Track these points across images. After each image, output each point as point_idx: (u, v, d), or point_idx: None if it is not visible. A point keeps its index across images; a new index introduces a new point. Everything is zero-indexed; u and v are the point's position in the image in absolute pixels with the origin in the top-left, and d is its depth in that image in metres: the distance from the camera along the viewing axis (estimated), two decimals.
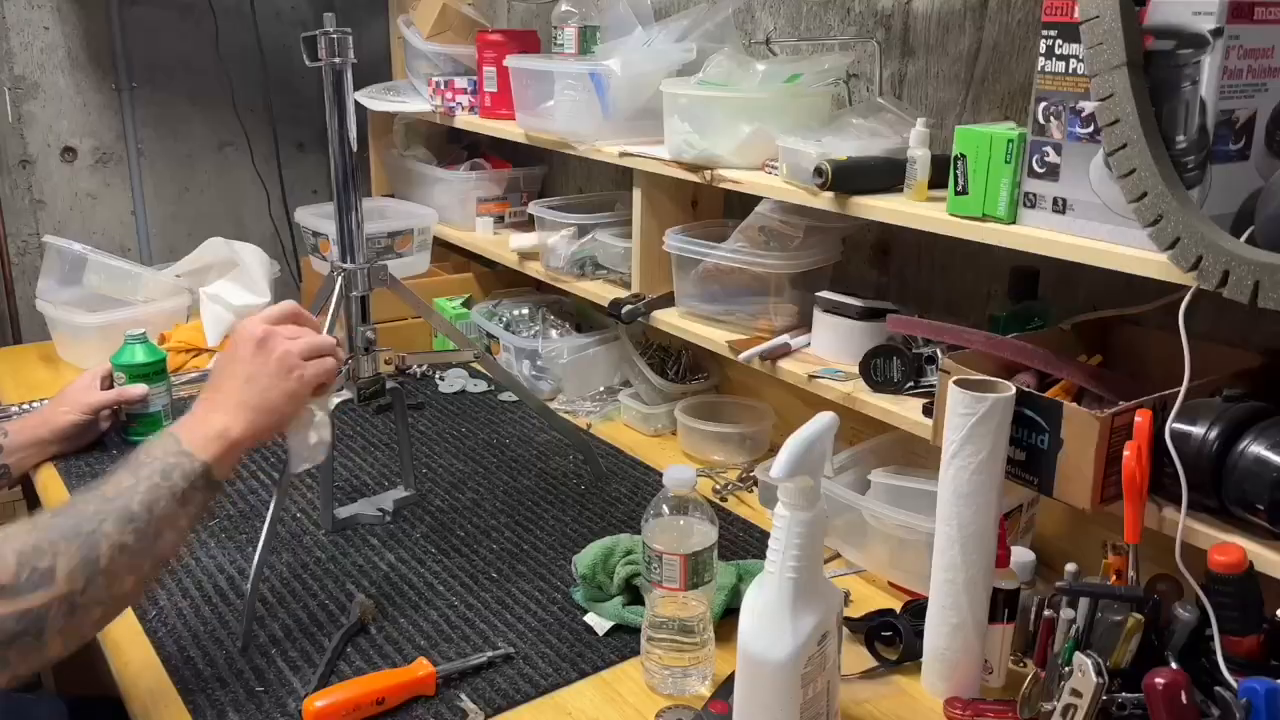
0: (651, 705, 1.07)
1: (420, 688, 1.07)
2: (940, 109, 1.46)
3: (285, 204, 2.67)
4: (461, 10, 2.17)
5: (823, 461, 0.94)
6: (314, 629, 1.19)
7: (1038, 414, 1.04)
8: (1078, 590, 0.99)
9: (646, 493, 1.53)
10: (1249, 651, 0.92)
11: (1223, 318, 1.18)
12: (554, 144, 1.82)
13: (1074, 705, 0.91)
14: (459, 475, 1.60)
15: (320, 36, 1.26)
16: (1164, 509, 1.01)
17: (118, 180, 2.48)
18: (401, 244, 2.18)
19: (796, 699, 0.93)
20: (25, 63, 2.31)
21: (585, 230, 1.86)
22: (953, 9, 1.42)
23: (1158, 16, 0.96)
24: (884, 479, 1.34)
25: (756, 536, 1.40)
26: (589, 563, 1.23)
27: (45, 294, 1.99)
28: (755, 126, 1.45)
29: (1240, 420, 0.97)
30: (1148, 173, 0.95)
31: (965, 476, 1.02)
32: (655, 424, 1.76)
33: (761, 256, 1.48)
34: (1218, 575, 0.91)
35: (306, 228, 2.22)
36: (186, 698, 1.07)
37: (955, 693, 1.07)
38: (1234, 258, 0.90)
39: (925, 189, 1.24)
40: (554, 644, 1.17)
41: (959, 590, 1.05)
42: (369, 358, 1.37)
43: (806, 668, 0.93)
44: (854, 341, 1.40)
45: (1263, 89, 0.97)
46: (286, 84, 2.64)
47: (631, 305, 1.69)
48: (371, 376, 1.37)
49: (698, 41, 1.67)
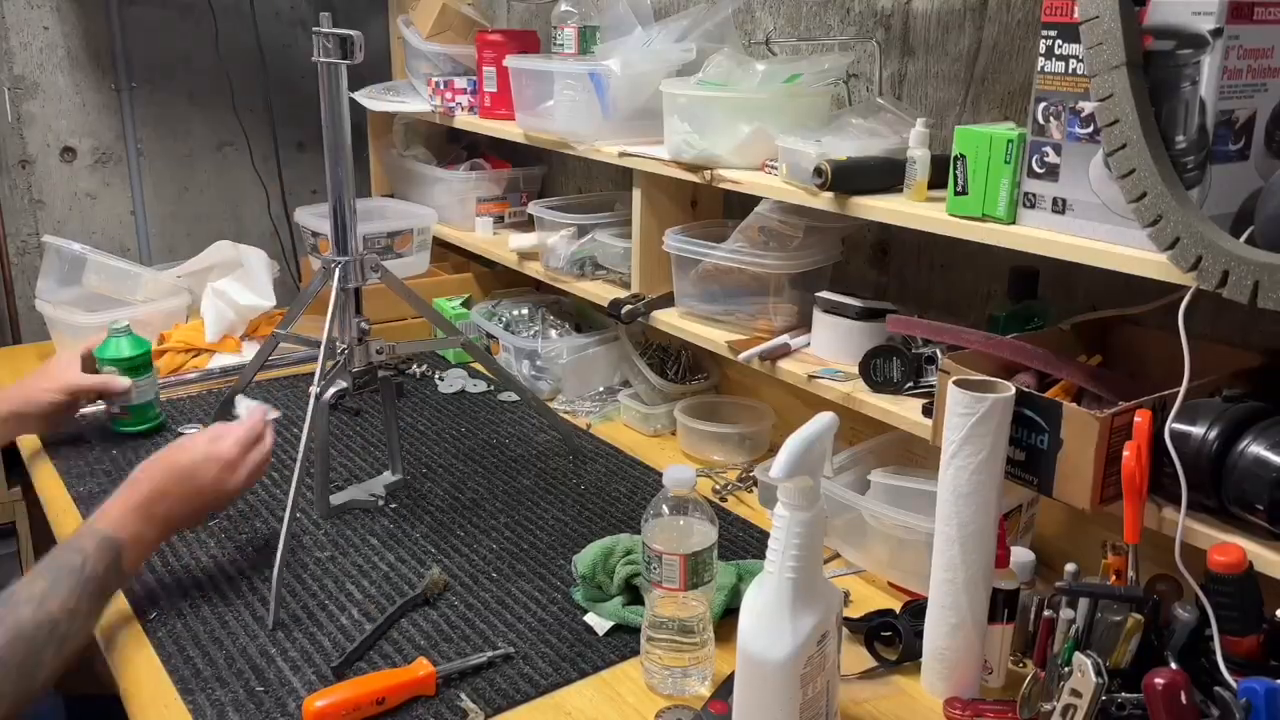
0: (651, 705, 1.07)
1: (420, 688, 1.07)
2: (940, 109, 1.46)
3: (285, 204, 2.67)
4: (461, 10, 2.17)
5: (822, 461, 0.94)
6: (314, 629, 1.19)
7: (1037, 414, 1.04)
8: (1077, 590, 0.99)
9: (646, 493, 1.53)
10: (1248, 651, 0.92)
11: (1222, 318, 1.18)
12: (553, 144, 1.82)
13: (1074, 705, 0.91)
14: (459, 475, 1.60)
15: (326, 35, 1.32)
16: (1163, 509, 1.01)
17: (117, 180, 2.48)
18: (401, 244, 2.19)
19: (795, 699, 0.93)
20: (25, 62, 2.31)
21: (585, 230, 1.86)
22: (952, 9, 1.42)
23: (1157, 16, 0.96)
24: (883, 479, 1.34)
25: (756, 536, 1.40)
26: (589, 563, 1.23)
27: (44, 294, 1.98)
28: (755, 126, 1.45)
29: (1240, 420, 0.97)
30: (1147, 173, 0.95)
31: (965, 476, 1.02)
32: (655, 424, 1.76)
33: (761, 256, 1.49)
34: (1217, 575, 0.91)
35: (306, 227, 2.22)
36: (186, 698, 1.07)
37: (955, 693, 1.07)
38: (1233, 258, 0.90)
39: (925, 189, 1.24)
40: (554, 644, 1.17)
41: (959, 590, 1.05)
42: (361, 348, 1.42)
43: (806, 668, 0.93)
44: (853, 342, 1.40)
45: (1262, 89, 0.97)
46: (286, 84, 2.64)
47: (631, 305, 1.69)
48: (365, 367, 1.43)
49: (697, 41, 1.67)
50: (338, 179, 1.39)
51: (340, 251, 1.42)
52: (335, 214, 1.41)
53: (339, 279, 1.40)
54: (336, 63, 1.34)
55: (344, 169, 1.39)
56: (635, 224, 1.70)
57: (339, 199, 1.40)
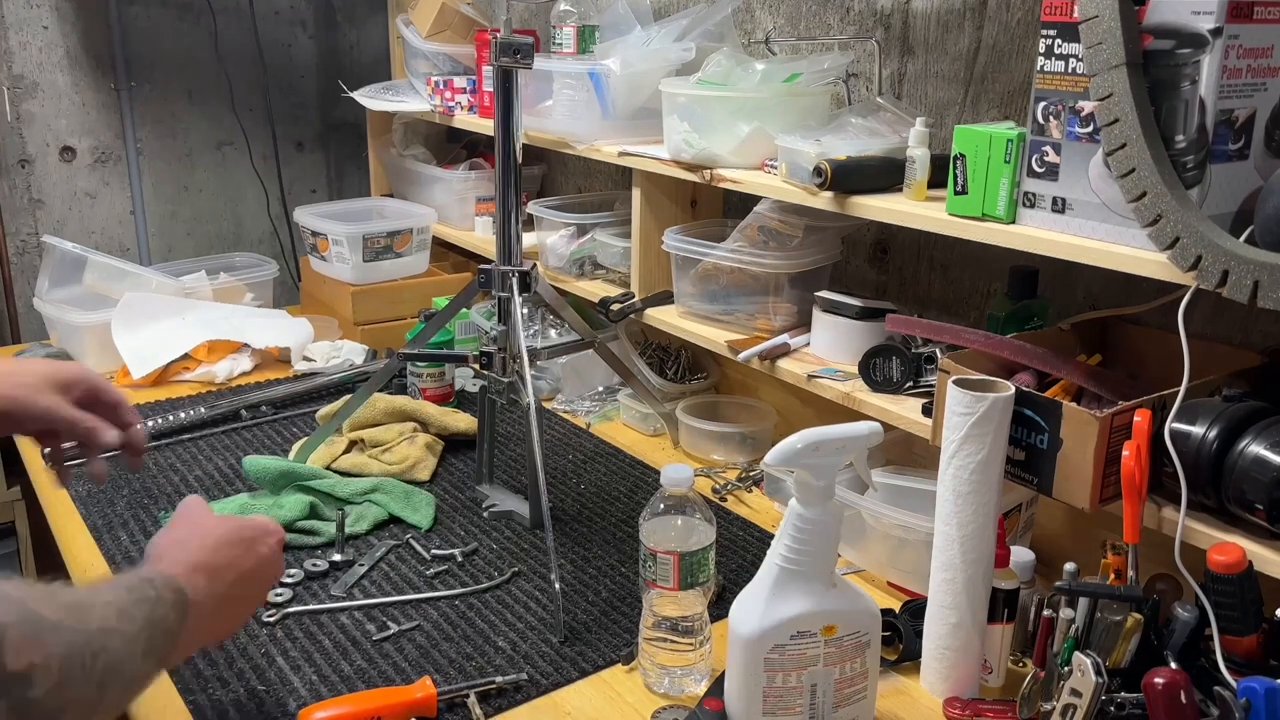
0: (650, 705, 1.07)
1: (421, 708, 1.04)
2: (940, 108, 1.46)
3: (284, 204, 2.67)
4: (460, 9, 2.17)
5: (837, 463, 0.94)
6: (314, 628, 1.19)
7: (1037, 414, 1.04)
8: (1077, 590, 0.99)
9: (646, 492, 1.53)
10: (1248, 651, 0.92)
11: (1222, 317, 1.18)
12: (553, 143, 1.82)
13: (1073, 705, 0.91)
14: (459, 475, 1.60)
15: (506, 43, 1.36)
16: (1163, 509, 1.01)
17: (116, 180, 2.48)
18: (400, 243, 2.19)
19: (759, 681, 0.96)
20: (24, 62, 2.31)
21: (584, 230, 1.86)
22: (952, 8, 1.42)
23: (1157, 16, 0.96)
24: (883, 479, 1.34)
25: (756, 536, 1.40)
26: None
27: (44, 293, 1.98)
28: (754, 126, 1.45)
29: (1239, 420, 0.97)
30: (1147, 172, 0.95)
31: (964, 476, 1.02)
32: (654, 424, 1.76)
33: (760, 256, 1.48)
34: (1217, 575, 0.91)
35: (305, 227, 2.22)
36: (187, 698, 1.07)
37: (954, 692, 1.07)
38: (1233, 257, 0.90)
39: (924, 188, 1.24)
40: (554, 644, 1.17)
41: (958, 590, 1.05)
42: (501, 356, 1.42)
43: (774, 654, 0.95)
44: (853, 341, 1.40)
45: (1262, 88, 0.97)
46: (285, 83, 2.63)
47: (621, 304, 1.69)
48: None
49: (697, 41, 1.67)
50: (508, 188, 1.41)
51: (505, 260, 1.42)
52: (502, 221, 1.42)
53: (517, 286, 1.41)
54: (512, 65, 1.36)
55: (514, 176, 1.41)
56: (635, 223, 1.70)
57: (508, 208, 1.41)
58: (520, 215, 1.43)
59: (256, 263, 2.24)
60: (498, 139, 1.40)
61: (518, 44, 1.35)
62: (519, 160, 1.42)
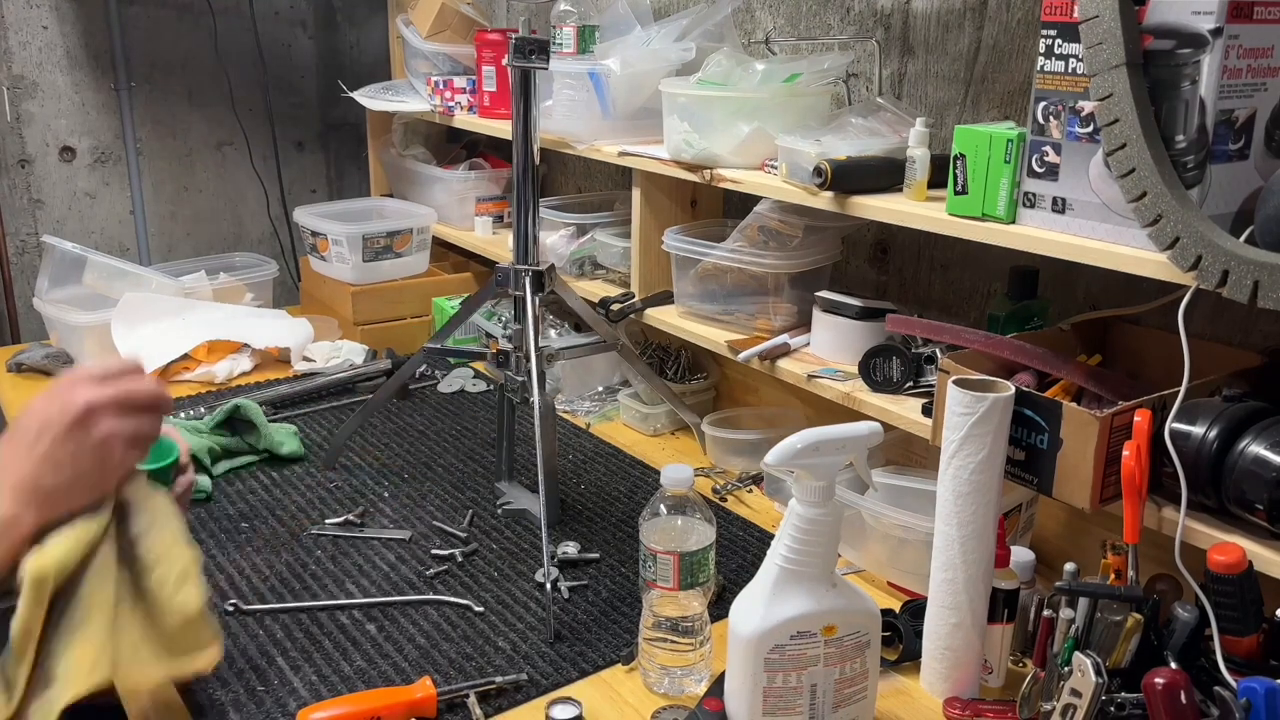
0: (650, 705, 1.07)
1: (420, 709, 1.04)
2: (940, 108, 1.46)
3: (284, 203, 2.67)
4: (460, 9, 2.17)
5: (838, 463, 0.94)
6: (314, 628, 1.19)
7: (1037, 414, 1.04)
8: (1077, 590, 0.99)
9: (645, 492, 1.53)
10: (1248, 651, 0.92)
11: (1222, 317, 1.18)
12: (553, 143, 1.82)
13: (1073, 705, 0.91)
14: (459, 475, 1.60)
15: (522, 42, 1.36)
16: (1163, 509, 1.01)
17: (116, 180, 2.48)
18: (400, 244, 2.19)
19: (759, 681, 0.96)
20: (24, 62, 2.31)
21: (584, 230, 1.86)
22: (952, 8, 1.42)
23: (1157, 16, 0.96)
24: (883, 478, 1.34)
25: (756, 536, 1.40)
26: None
27: (43, 293, 1.98)
28: (754, 126, 1.45)
29: (1239, 420, 0.97)
30: (1147, 172, 0.95)
31: (965, 476, 1.02)
32: (654, 424, 1.76)
33: (760, 256, 1.48)
34: (1217, 575, 0.91)
35: (305, 227, 2.22)
36: (187, 698, 1.07)
37: (955, 692, 1.07)
38: (1233, 257, 0.90)
39: (924, 189, 1.24)
40: (553, 643, 1.17)
41: (958, 590, 1.05)
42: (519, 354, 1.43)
43: (774, 654, 0.95)
44: (853, 341, 1.40)
45: (1262, 88, 0.97)
46: (285, 83, 2.64)
47: (621, 304, 1.69)
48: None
49: (697, 40, 1.67)
50: (525, 187, 1.41)
51: (522, 259, 1.43)
52: (519, 221, 1.42)
53: (532, 286, 1.41)
54: (528, 66, 1.36)
55: (532, 176, 1.41)
56: (635, 223, 1.70)
57: (525, 208, 1.41)
58: (537, 215, 1.43)
59: (256, 263, 2.24)
60: (515, 138, 1.40)
61: (535, 42, 1.34)
62: (536, 161, 1.42)
